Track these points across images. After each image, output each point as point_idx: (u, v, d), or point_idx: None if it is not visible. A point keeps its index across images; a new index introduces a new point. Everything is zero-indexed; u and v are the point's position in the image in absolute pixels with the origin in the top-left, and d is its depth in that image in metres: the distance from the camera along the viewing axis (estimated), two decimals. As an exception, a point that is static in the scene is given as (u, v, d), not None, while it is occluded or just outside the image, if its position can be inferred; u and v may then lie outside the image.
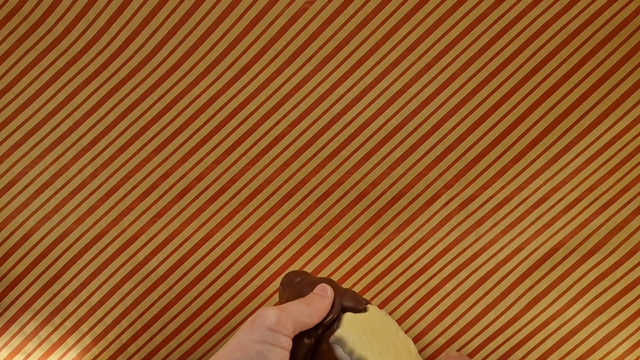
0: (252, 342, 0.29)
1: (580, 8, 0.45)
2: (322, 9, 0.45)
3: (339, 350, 0.31)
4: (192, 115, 0.46)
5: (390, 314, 0.47)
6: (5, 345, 0.48)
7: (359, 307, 0.34)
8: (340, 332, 0.32)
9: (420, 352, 0.47)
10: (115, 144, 0.47)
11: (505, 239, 0.47)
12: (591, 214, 0.46)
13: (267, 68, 0.46)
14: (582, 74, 0.46)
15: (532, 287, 0.47)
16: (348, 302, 0.34)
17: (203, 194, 0.47)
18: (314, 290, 0.35)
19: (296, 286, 0.36)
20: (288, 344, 0.30)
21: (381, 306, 0.47)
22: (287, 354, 0.30)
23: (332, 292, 0.34)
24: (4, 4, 0.46)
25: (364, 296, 0.45)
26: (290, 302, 0.32)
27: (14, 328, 0.48)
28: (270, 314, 0.30)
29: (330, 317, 0.33)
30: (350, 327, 0.32)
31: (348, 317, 0.33)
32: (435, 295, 0.47)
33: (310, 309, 0.32)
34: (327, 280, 0.36)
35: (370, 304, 0.35)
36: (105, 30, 0.46)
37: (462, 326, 0.47)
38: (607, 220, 0.46)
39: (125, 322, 0.48)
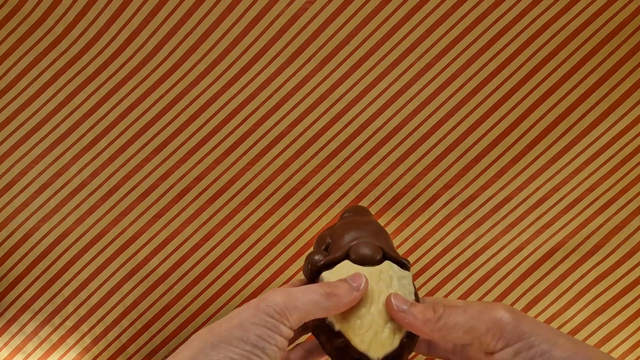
0: (253, 325, 0.28)
1: (580, 8, 0.45)
2: (322, 9, 0.45)
3: None
4: (192, 115, 0.46)
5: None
6: (5, 345, 0.48)
7: (364, 261, 0.32)
8: (326, 274, 0.32)
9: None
10: (115, 144, 0.47)
11: (505, 239, 0.47)
12: (591, 214, 0.46)
13: (267, 68, 0.46)
14: (582, 74, 0.46)
15: (532, 287, 0.47)
16: (358, 252, 0.32)
17: (203, 194, 0.47)
18: (348, 278, 0.31)
19: (342, 231, 0.35)
20: (289, 334, 0.29)
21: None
22: (286, 343, 0.29)
23: (366, 286, 0.31)
24: (4, 4, 0.46)
25: None
26: (308, 287, 0.30)
27: (14, 328, 0.48)
28: (277, 301, 0.28)
29: (332, 258, 0.33)
30: (337, 272, 0.32)
31: (345, 263, 0.32)
32: (435, 295, 0.47)
33: (330, 302, 0.29)
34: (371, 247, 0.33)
35: (400, 260, 0.33)
36: (105, 30, 0.46)
37: (462, 326, 0.47)
38: (607, 220, 0.46)
39: (125, 322, 0.48)
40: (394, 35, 0.46)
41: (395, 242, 0.47)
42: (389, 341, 0.30)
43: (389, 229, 0.47)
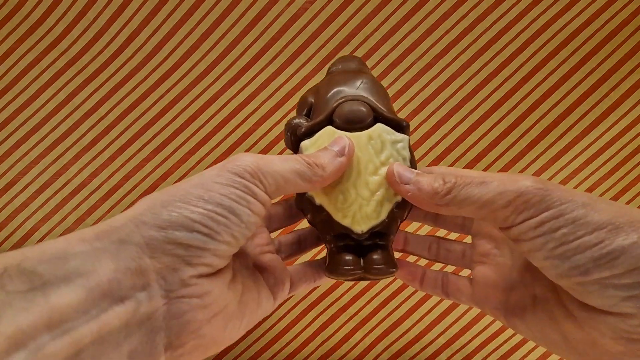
0: (217, 184, 0.22)
1: (580, 8, 0.45)
2: (322, 9, 0.45)
3: None
4: (192, 115, 0.46)
5: (390, 314, 0.47)
6: (5, 345, 0.48)
7: (351, 124, 0.27)
8: (304, 143, 0.28)
9: (420, 352, 0.47)
10: (115, 144, 0.47)
11: (505, 239, 0.47)
12: (591, 214, 0.46)
13: (267, 68, 0.46)
14: (582, 74, 0.46)
15: (532, 287, 0.47)
16: (342, 114, 0.27)
17: (203, 194, 0.47)
18: (329, 145, 0.26)
19: (327, 89, 0.29)
20: (265, 199, 0.23)
21: (381, 306, 0.47)
22: (262, 209, 0.23)
23: (352, 150, 0.26)
24: (4, 4, 0.46)
25: None
26: (286, 155, 0.25)
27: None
28: (248, 161, 0.23)
29: (312, 123, 0.28)
30: (317, 141, 0.27)
31: (326, 130, 0.27)
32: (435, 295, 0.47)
33: (312, 172, 0.25)
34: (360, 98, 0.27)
35: (396, 121, 0.28)
36: (105, 30, 0.46)
37: (462, 326, 0.47)
38: (607, 220, 0.46)
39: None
40: (394, 35, 0.46)
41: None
42: (375, 213, 0.27)
43: (389, 229, 0.47)
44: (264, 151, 0.47)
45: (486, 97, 0.46)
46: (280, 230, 0.32)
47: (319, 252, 0.46)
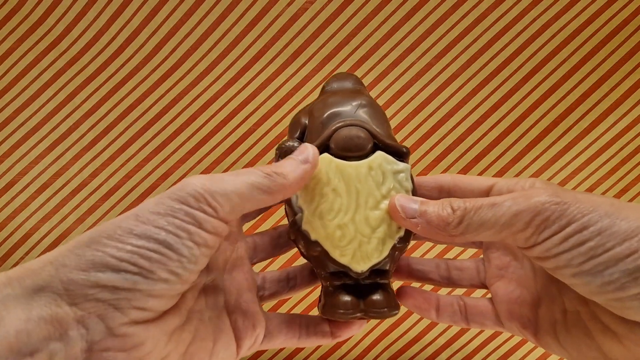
0: (154, 214, 0.19)
1: (580, 8, 0.45)
2: (322, 9, 0.45)
3: None
4: (192, 115, 0.46)
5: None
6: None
7: (350, 152, 0.25)
8: None
9: (419, 352, 0.47)
10: (115, 144, 0.47)
11: (505, 239, 0.47)
12: (591, 214, 0.46)
13: (267, 68, 0.46)
14: (582, 74, 0.46)
15: (532, 287, 0.47)
16: (340, 141, 0.25)
17: (203, 194, 0.47)
18: (292, 154, 0.24)
19: (322, 111, 0.26)
20: (217, 226, 0.21)
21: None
22: (215, 239, 0.21)
23: (316, 158, 0.24)
24: (4, 4, 0.46)
25: None
26: (241, 170, 0.22)
27: None
28: (193, 183, 0.20)
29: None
30: (315, 172, 0.25)
31: (323, 158, 0.25)
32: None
33: (271, 182, 0.22)
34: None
35: (396, 148, 0.26)
36: (105, 30, 0.46)
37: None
38: (607, 220, 0.46)
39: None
40: (394, 35, 0.46)
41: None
42: (377, 252, 0.25)
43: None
44: (264, 151, 0.46)
45: (486, 97, 0.46)
46: (267, 261, 0.29)
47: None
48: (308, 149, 0.24)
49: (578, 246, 0.20)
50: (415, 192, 0.26)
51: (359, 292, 0.25)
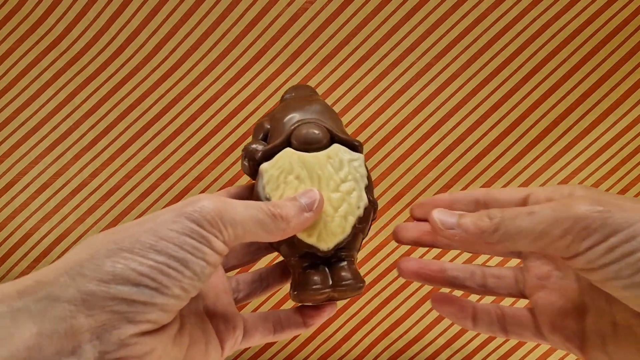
0: (171, 232, 0.20)
1: (580, 8, 0.45)
2: (322, 9, 0.45)
3: (260, 180, 0.28)
4: (192, 115, 0.46)
5: (390, 314, 0.47)
6: (5, 345, 0.48)
7: (309, 145, 0.28)
8: (264, 165, 0.28)
9: (420, 352, 0.47)
10: (115, 144, 0.47)
11: (505, 239, 0.47)
12: (591, 214, 0.46)
13: (267, 68, 0.46)
14: (582, 74, 0.46)
15: (532, 287, 0.47)
16: (300, 136, 0.28)
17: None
18: (298, 194, 0.25)
19: (282, 114, 0.30)
20: (222, 249, 0.22)
21: (381, 306, 0.47)
22: (219, 260, 0.22)
23: (321, 207, 0.25)
24: (4, 4, 0.46)
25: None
26: (250, 202, 0.23)
27: None
28: (208, 208, 0.21)
29: (271, 146, 0.28)
30: (277, 162, 0.28)
31: (286, 152, 0.28)
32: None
33: (275, 225, 0.23)
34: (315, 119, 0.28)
35: (350, 141, 0.29)
36: (105, 30, 0.46)
37: (462, 326, 0.47)
38: (607, 220, 0.46)
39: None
40: (394, 35, 0.46)
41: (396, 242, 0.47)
42: (340, 229, 0.27)
43: (389, 229, 0.47)
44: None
45: (486, 98, 0.46)
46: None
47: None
48: (315, 195, 0.25)
49: (626, 257, 0.19)
50: (369, 177, 0.29)
51: (325, 270, 0.27)
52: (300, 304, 0.29)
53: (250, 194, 0.30)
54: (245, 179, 0.47)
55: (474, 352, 0.47)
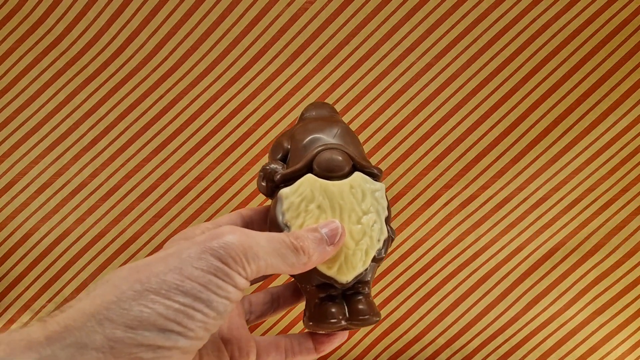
0: (197, 270, 0.20)
1: (580, 8, 0.45)
2: (322, 9, 0.45)
3: (279, 206, 0.27)
4: (192, 115, 0.46)
5: (390, 314, 0.47)
6: (5, 345, 0.48)
7: (331, 173, 0.27)
8: (284, 191, 0.28)
9: (420, 352, 0.47)
10: (115, 144, 0.47)
11: (505, 239, 0.47)
12: (591, 214, 0.46)
13: (267, 68, 0.46)
14: (582, 74, 0.46)
15: (532, 287, 0.47)
16: (323, 163, 0.27)
17: (203, 194, 0.47)
18: (320, 225, 0.25)
19: (303, 135, 0.29)
20: (245, 285, 0.22)
21: (381, 306, 0.47)
22: (240, 296, 0.22)
23: (342, 240, 0.26)
24: (4, 4, 0.46)
25: None
26: (272, 235, 0.24)
27: (14, 328, 0.48)
28: (233, 243, 0.21)
29: (292, 170, 0.28)
30: (299, 189, 0.27)
31: (308, 178, 0.27)
32: (435, 295, 0.47)
33: (296, 259, 0.23)
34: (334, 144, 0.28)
35: (371, 170, 0.29)
36: (105, 30, 0.46)
37: (462, 326, 0.47)
38: (607, 220, 0.46)
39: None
40: (394, 35, 0.46)
41: (395, 242, 0.47)
42: (361, 262, 0.27)
43: (389, 229, 0.47)
44: (264, 151, 0.46)
45: (486, 98, 0.46)
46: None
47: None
48: (337, 227, 0.25)
49: None
50: (389, 208, 0.29)
51: (342, 301, 0.28)
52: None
53: (265, 217, 0.29)
54: (243, 180, 0.47)
55: (474, 352, 0.47)
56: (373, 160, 0.46)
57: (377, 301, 0.47)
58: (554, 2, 0.45)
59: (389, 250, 0.29)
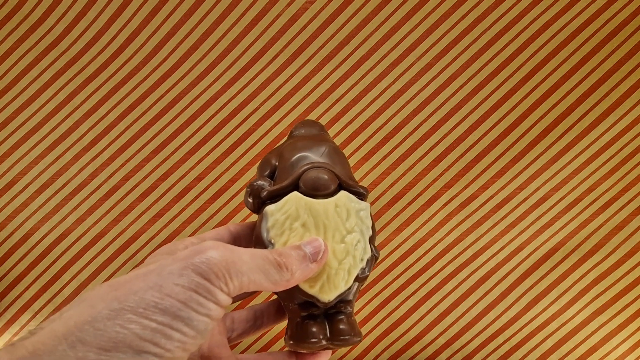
0: (177, 287, 0.19)
1: (580, 8, 0.45)
2: (322, 9, 0.45)
3: (264, 222, 0.27)
4: (192, 115, 0.46)
5: (390, 314, 0.47)
6: (6, 345, 0.48)
7: (317, 192, 0.27)
8: (270, 208, 0.28)
9: (420, 352, 0.48)
10: (115, 144, 0.47)
11: (505, 239, 0.47)
12: (591, 214, 0.46)
13: (267, 68, 0.46)
14: (582, 74, 0.46)
15: (532, 287, 0.47)
16: (309, 181, 0.27)
17: (203, 194, 0.47)
18: (303, 243, 0.25)
19: (291, 153, 0.29)
20: (226, 302, 0.21)
21: (381, 306, 0.47)
22: (222, 313, 0.21)
23: (325, 258, 0.26)
24: (4, 4, 0.46)
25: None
26: (255, 251, 0.23)
27: (14, 328, 0.48)
28: (215, 259, 0.21)
29: (278, 188, 0.28)
30: (284, 207, 0.27)
31: (293, 196, 0.27)
32: (435, 295, 0.47)
33: (280, 276, 0.23)
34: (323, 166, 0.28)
35: (357, 190, 0.29)
36: (105, 30, 0.46)
37: (462, 326, 0.47)
38: (607, 220, 0.46)
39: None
40: (394, 35, 0.46)
41: (395, 242, 0.47)
42: (343, 282, 0.27)
43: (389, 229, 0.47)
44: (264, 151, 0.46)
45: (486, 98, 0.46)
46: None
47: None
48: (320, 245, 0.25)
49: None
50: (373, 228, 0.29)
51: (324, 322, 0.28)
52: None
53: (251, 232, 0.29)
54: (243, 180, 0.47)
55: (474, 352, 0.47)
56: (373, 161, 0.46)
57: (377, 301, 0.47)
58: (554, 2, 0.45)
59: (372, 269, 0.29)
